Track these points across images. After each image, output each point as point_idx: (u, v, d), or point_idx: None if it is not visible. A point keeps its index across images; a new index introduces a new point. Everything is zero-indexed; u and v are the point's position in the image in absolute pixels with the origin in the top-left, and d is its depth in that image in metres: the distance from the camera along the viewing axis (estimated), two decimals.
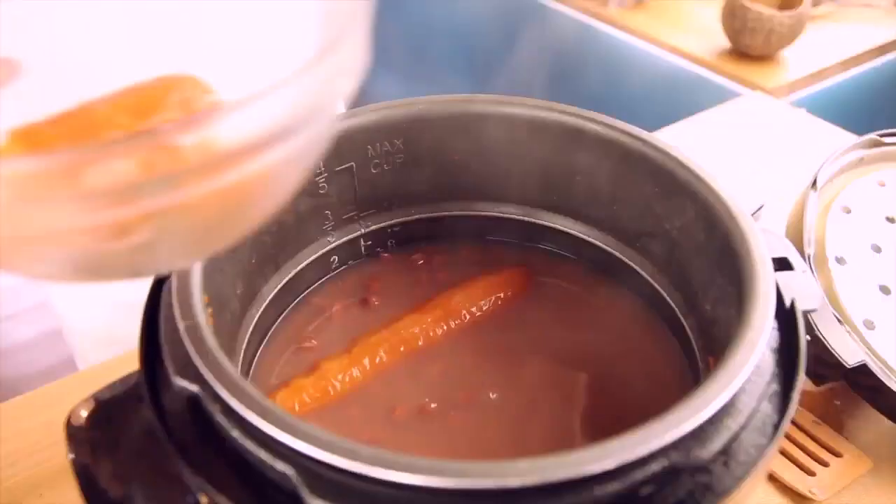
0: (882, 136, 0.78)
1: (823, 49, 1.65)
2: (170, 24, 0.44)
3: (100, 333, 1.02)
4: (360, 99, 0.42)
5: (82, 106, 0.36)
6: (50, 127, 0.35)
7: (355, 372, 0.56)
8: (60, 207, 0.27)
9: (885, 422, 0.68)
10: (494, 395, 0.55)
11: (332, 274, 0.65)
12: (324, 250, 0.63)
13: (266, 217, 0.36)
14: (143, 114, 0.36)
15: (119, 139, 0.27)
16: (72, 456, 0.43)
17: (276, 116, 0.30)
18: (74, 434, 0.44)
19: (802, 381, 0.44)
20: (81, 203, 0.27)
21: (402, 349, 0.58)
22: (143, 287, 0.95)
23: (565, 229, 0.65)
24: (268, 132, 0.30)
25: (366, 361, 0.56)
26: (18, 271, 0.34)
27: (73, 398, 0.46)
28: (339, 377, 0.55)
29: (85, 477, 0.43)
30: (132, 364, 0.45)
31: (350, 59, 0.33)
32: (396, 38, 2.45)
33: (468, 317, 0.61)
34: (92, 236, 0.30)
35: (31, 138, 0.35)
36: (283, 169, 0.33)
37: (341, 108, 0.35)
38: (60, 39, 0.42)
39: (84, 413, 0.44)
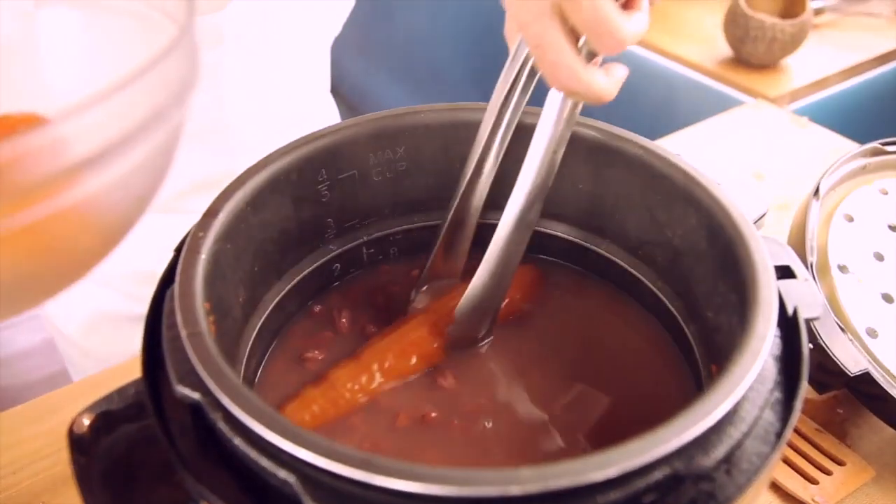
0: (884, 144, 0.78)
1: (825, 58, 1.65)
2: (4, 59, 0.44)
3: (90, 345, 1.02)
4: (364, 107, 0.42)
5: None
6: None
7: (364, 379, 0.56)
8: None
9: (888, 430, 0.68)
10: (497, 402, 0.55)
11: (335, 282, 0.65)
12: (326, 258, 0.63)
13: (102, 251, 0.35)
14: None
15: None
16: (74, 464, 0.43)
17: (106, 128, 0.29)
18: (77, 442, 0.44)
19: (805, 390, 0.44)
20: None
21: (411, 356, 0.58)
22: (134, 300, 0.95)
23: (567, 237, 0.65)
24: (99, 148, 0.29)
25: (375, 367, 0.56)
26: None
27: (72, 407, 0.46)
28: (349, 386, 0.55)
29: (87, 485, 0.43)
30: (128, 374, 0.45)
31: (177, 68, 0.33)
32: (400, 48, 2.45)
33: None
34: None
35: None
36: (112, 194, 0.32)
37: (173, 128, 0.34)
38: None
39: (86, 422, 0.44)
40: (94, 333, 1.01)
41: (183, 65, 0.33)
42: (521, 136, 0.59)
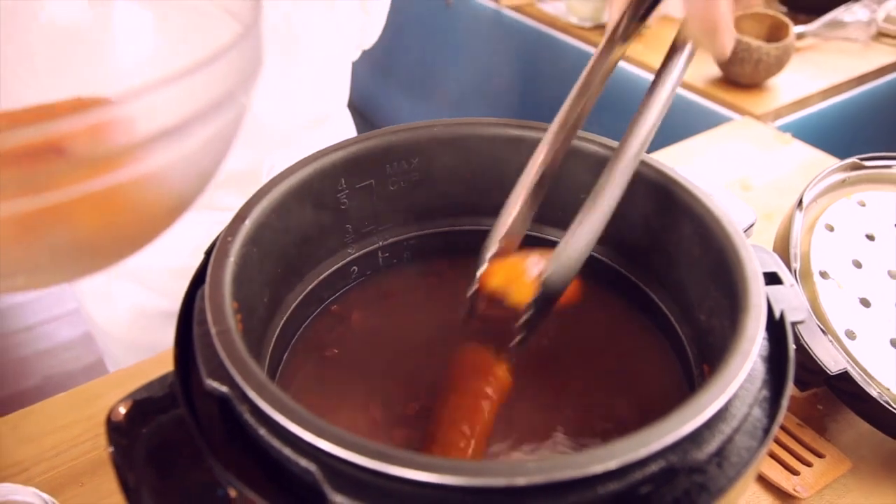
0: (862, 159, 0.78)
1: (807, 79, 1.65)
2: (79, 48, 0.43)
3: (126, 338, 1.02)
4: (382, 121, 0.42)
5: None
6: None
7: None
8: None
9: (865, 425, 0.67)
10: (494, 391, 0.55)
11: (352, 283, 0.65)
12: (344, 261, 0.63)
13: (158, 228, 0.35)
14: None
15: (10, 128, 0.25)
16: (111, 449, 0.43)
17: (168, 111, 0.29)
18: (114, 429, 0.44)
19: (791, 388, 0.43)
20: None
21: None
22: (166, 296, 0.95)
23: None
24: (162, 127, 0.29)
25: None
26: None
27: (109, 397, 0.46)
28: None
29: (122, 469, 0.43)
30: (161, 367, 0.45)
31: (240, 60, 0.33)
32: (416, 66, 2.45)
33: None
34: None
35: None
36: (174, 171, 0.32)
37: (235, 116, 0.35)
38: None
39: (122, 410, 0.44)
40: (129, 328, 1.01)
41: (248, 55, 0.33)
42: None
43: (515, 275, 0.53)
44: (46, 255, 0.31)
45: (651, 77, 0.54)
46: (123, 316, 1.01)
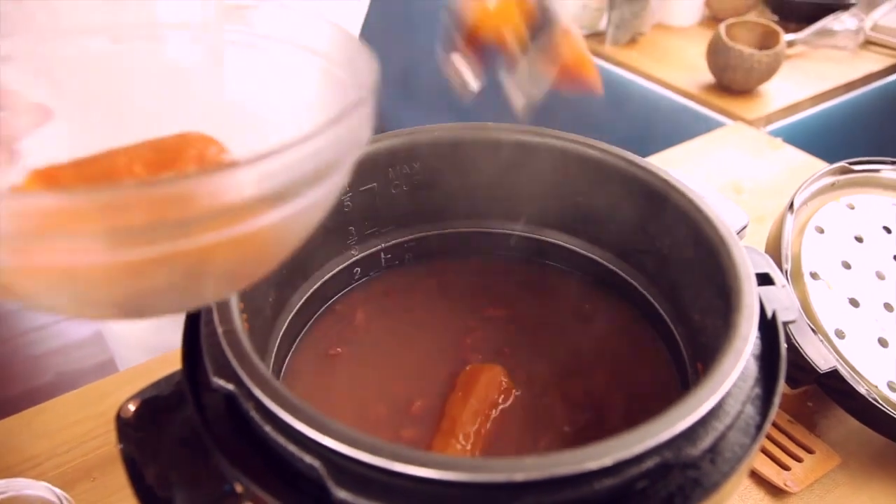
0: (851, 164, 0.78)
1: (797, 85, 1.65)
2: (189, 86, 0.44)
3: (135, 339, 1.02)
4: (384, 126, 0.41)
5: (102, 154, 0.36)
6: (70, 170, 0.35)
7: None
8: (74, 242, 0.27)
9: (853, 422, 0.67)
10: (499, 398, 0.55)
11: (355, 284, 0.65)
12: (348, 262, 0.63)
13: (273, 265, 0.36)
14: (160, 166, 0.36)
15: (138, 183, 0.26)
16: (121, 445, 0.43)
17: (286, 173, 0.29)
18: (123, 426, 0.44)
19: (783, 386, 0.43)
20: (95, 240, 0.27)
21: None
22: None
23: (567, 245, 0.64)
24: (276, 189, 0.29)
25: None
26: (44, 307, 0.33)
27: (119, 394, 0.46)
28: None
29: (132, 464, 0.43)
30: (169, 366, 0.45)
31: (357, 128, 0.33)
32: (419, 71, 2.45)
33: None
34: (106, 275, 0.29)
35: (50, 179, 0.34)
36: (289, 225, 0.33)
37: (344, 175, 0.35)
38: (90, 93, 0.42)
39: (132, 408, 0.44)
40: (140, 330, 1.01)
41: (363, 123, 0.33)
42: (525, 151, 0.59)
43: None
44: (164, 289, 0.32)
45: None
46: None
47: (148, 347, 0.99)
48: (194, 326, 0.46)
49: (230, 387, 0.40)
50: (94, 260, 0.28)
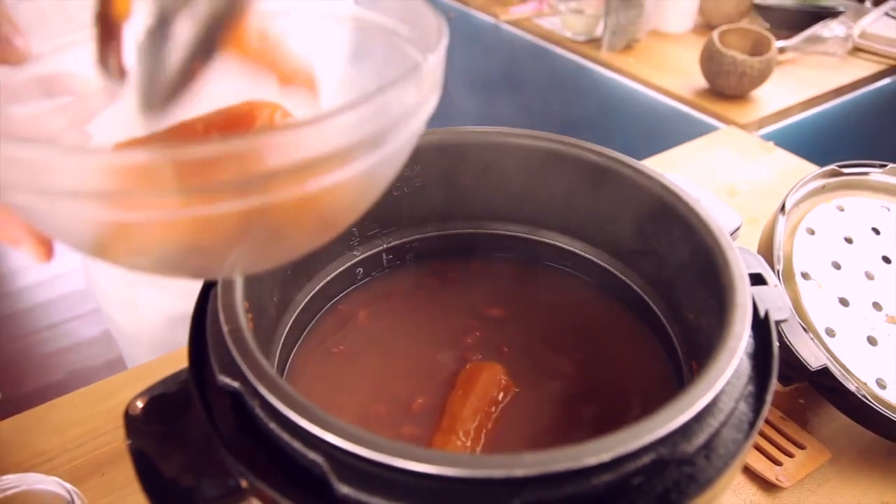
0: (841, 167, 0.78)
1: (788, 90, 1.65)
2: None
3: (145, 339, 1.02)
4: None
5: (175, 126, 0.36)
6: (150, 140, 0.35)
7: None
8: (157, 198, 0.27)
9: (844, 418, 0.67)
10: (498, 395, 0.55)
11: (358, 284, 0.65)
12: (350, 263, 0.63)
13: (346, 224, 0.36)
14: (234, 129, 0.36)
15: (217, 140, 0.27)
16: (129, 441, 0.43)
17: (359, 130, 0.30)
18: (132, 422, 0.44)
19: (775, 384, 0.43)
20: (176, 197, 0.27)
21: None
22: (180, 296, 0.95)
23: (565, 246, 0.64)
24: (350, 144, 0.30)
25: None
26: (119, 261, 0.33)
27: (128, 391, 0.46)
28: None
29: (140, 459, 0.43)
30: (176, 364, 0.45)
31: (429, 81, 0.33)
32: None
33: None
34: (190, 230, 0.30)
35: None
36: (365, 180, 0.33)
37: (419, 128, 0.35)
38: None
39: (140, 404, 0.44)
40: (150, 330, 1.01)
41: (433, 80, 0.34)
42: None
43: None
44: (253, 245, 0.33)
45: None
46: (146, 320, 1.01)
47: (155, 346, 0.99)
48: (200, 325, 0.46)
49: (235, 385, 0.40)
50: (180, 215, 0.28)
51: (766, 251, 0.70)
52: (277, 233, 0.32)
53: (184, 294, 0.98)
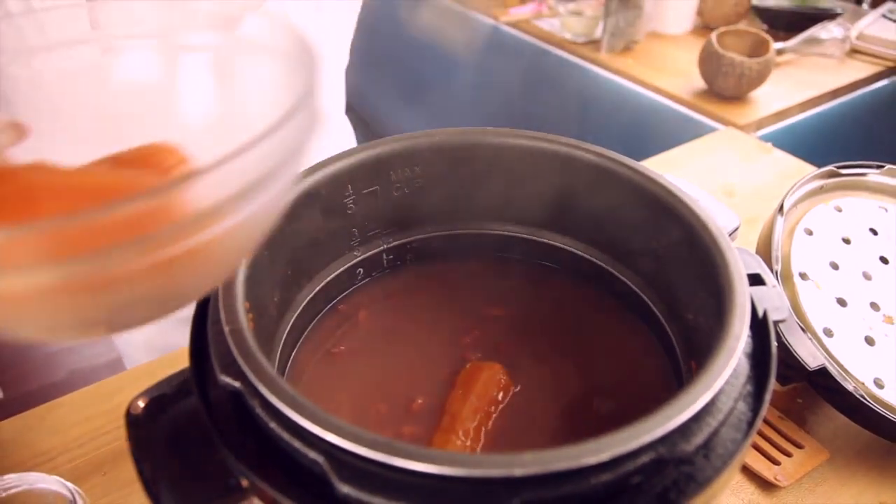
0: (839, 167, 0.78)
1: (786, 92, 1.65)
2: (152, 98, 0.43)
3: (141, 340, 1.02)
4: (387, 131, 0.41)
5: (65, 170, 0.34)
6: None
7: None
8: (34, 270, 0.26)
9: (841, 418, 0.67)
10: (498, 395, 0.55)
11: (358, 284, 0.64)
12: (351, 263, 0.63)
13: (224, 275, 0.35)
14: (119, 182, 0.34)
15: (104, 206, 0.25)
16: (130, 440, 0.43)
17: (241, 177, 0.28)
18: (133, 422, 0.44)
19: (773, 384, 0.43)
20: (59, 267, 0.26)
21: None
22: None
23: (565, 247, 0.64)
24: (233, 193, 0.28)
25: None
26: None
27: (129, 391, 0.46)
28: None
29: (141, 458, 0.42)
30: (177, 364, 0.45)
31: (301, 127, 0.31)
32: (422, 78, 2.45)
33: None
34: (69, 296, 0.28)
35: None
36: (243, 230, 0.31)
37: (292, 176, 0.33)
38: (61, 107, 0.41)
39: (141, 404, 0.44)
40: (148, 332, 1.01)
41: (303, 125, 0.32)
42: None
43: None
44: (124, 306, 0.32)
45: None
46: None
47: (153, 347, 0.99)
48: (201, 325, 0.46)
49: (236, 384, 0.40)
50: (47, 286, 0.27)
51: (765, 251, 0.70)
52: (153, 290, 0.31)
53: None
